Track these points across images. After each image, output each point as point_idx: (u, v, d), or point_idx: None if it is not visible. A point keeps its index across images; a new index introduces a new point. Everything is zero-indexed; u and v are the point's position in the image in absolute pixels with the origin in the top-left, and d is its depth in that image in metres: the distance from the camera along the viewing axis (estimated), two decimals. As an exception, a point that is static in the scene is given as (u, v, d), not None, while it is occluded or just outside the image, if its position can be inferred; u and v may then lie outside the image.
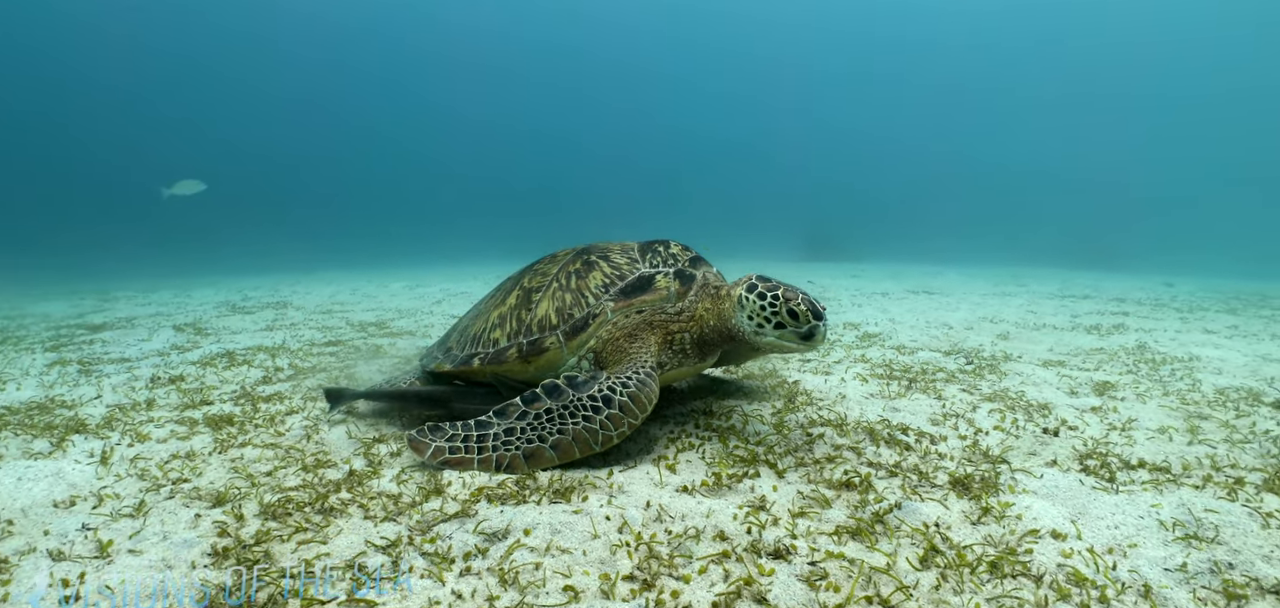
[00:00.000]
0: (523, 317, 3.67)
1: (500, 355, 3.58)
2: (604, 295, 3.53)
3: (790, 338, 3.27)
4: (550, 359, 3.50)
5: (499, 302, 3.95)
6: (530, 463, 2.93)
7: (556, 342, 3.47)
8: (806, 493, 2.81)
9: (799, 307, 3.22)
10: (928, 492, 2.83)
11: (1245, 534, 2.47)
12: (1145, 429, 3.89)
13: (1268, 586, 2.10)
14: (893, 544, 2.34)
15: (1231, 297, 13.00)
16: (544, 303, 3.63)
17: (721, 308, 3.47)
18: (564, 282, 3.68)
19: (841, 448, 3.38)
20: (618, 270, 3.66)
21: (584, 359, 3.50)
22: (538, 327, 3.56)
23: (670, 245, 3.84)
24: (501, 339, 3.64)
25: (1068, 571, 2.16)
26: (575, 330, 3.47)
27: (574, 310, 3.53)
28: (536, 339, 3.51)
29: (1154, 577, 2.15)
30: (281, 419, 3.94)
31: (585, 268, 3.72)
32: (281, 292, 12.33)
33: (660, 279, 3.57)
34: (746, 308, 3.33)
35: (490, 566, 2.19)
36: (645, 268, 3.67)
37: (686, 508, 2.62)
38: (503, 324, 3.72)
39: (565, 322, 3.51)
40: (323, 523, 2.53)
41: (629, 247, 3.91)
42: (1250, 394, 4.86)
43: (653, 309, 3.54)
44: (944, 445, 3.48)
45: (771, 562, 2.21)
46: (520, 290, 3.85)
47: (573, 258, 3.86)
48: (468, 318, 4.28)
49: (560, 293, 3.63)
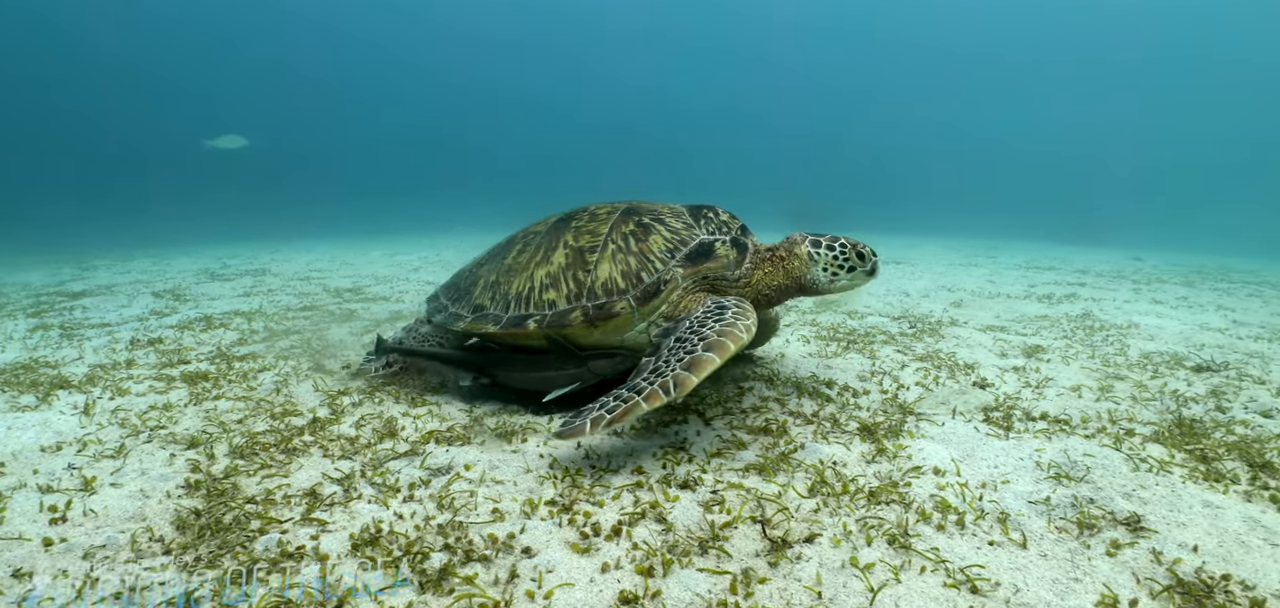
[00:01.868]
0: (581, 278, 3.56)
1: (562, 318, 3.48)
2: (671, 261, 3.54)
3: (860, 277, 3.66)
4: (619, 324, 3.48)
5: (539, 258, 3.77)
6: (694, 372, 2.80)
7: (628, 306, 3.43)
8: (726, 437, 3.10)
9: (864, 250, 3.64)
10: (836, 437, 3.12)
11: (1114, 475, 2.78)
12: (1059, 387, 4.19)
13: (1121, 518, 2.40)
14: (789, 478, 2.64)
15: (1194, 270, 13.35)
16: (604, 265, 3.56)
17: (788, 267, 3.71)
18: (623, 244, 3.63)
19: (768, 399, 3.68)
20: (677, 235, 3.67)
21: (654, 324, 3.49)
22: (603, 290, 3.49)
23: (718, 211, 3.89)
24: (560, 301, 3.53)
25: (937, 500, 2.46)
26: (647, 296, 3.45)
27: (642, 274, 3.50)
28: (604, 303, 3.45)
29: (1014, 507, 2.45)
30: (254, 376, 4.20)
31: (642, 230, 3.69)
32: (261, 259, 12.51)
33: (719, 247, 3.62)
34: (819, 262, 3.64)
35: (431, 493, 2.49)
36: (704, 234, 3.70)
37: (613, 448, 2.92)
38: (556, 285, 3.59)
39: (635, 286, 3.47)
40: (286, 461, 2.81)
41: (678, 210, 3.91)
42: (1174, 358, 5.18)
43: (715, 275, 3.63)
44: (864, 399, 3.77)
45: (677, 490, 2.51)
46: (568, 249, 3.71)
47: (622, 218, 3.78)
48: (489, 272, 4.02)
49: (622, 256, 3.58)
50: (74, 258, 12.64)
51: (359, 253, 14.16)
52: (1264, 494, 2.66)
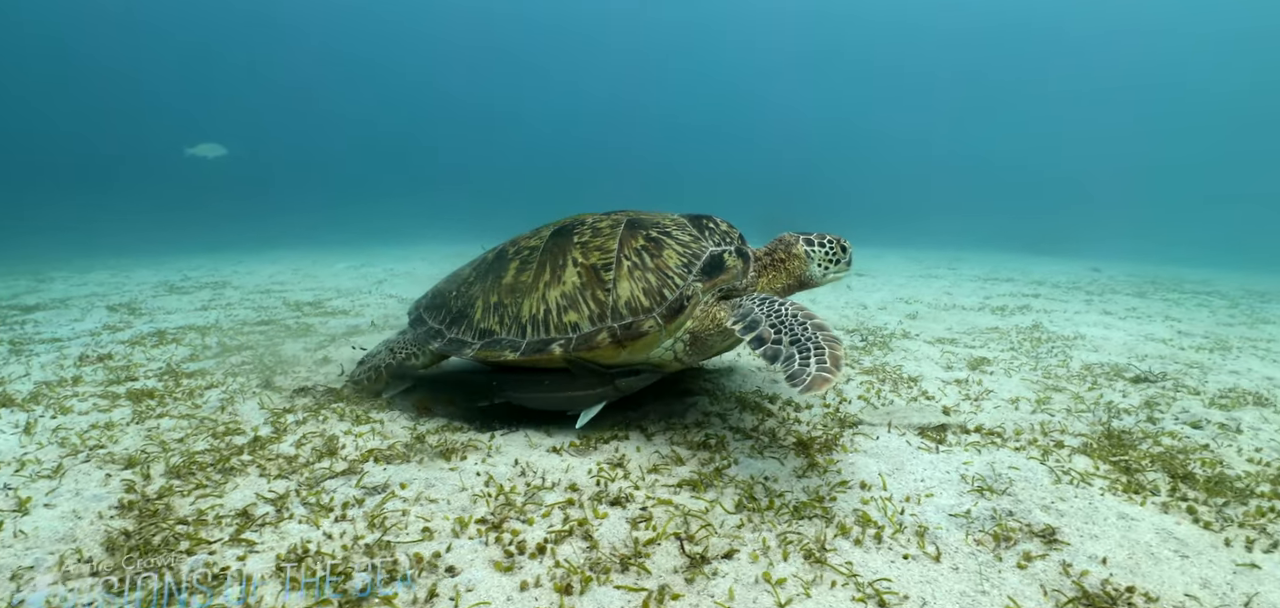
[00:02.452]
0: (601, 298, 3.51)
1: (588, 341, 3.44)
2: (689, 275, 3.54)
3: (844, 268, 3.94)
4: (647, 343, 3.47)
5: (547, 278, 3.69)
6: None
7: (655, 325, 3.41)
8: (665, 452, 3.15)
9: (845, 243, 3.91)
10: (772, 452, 3.18)
11: (1035, 488, 2.86)
12: (997, 400, 4.29)
13: (1037, 530, 2.48)
14: (718, 493, 2.69)
15: (1148, 281, 13.63)
16: (624, 283, 3.52)
17: (790, 268, 3.91)
18: (638, 260, 3.60)
19: (711, 414, 3.74)
20: (688, 248, 3.67)
21: (679, 340, 3.52)
22: (627, 309, 3.46)
23: (718, 221, 3.93)
24: (583, 323, 3.48)
25: (859, 514, 2.52)
26: (673, 313, 3.44)
27: (664, 291, 3.48)
28: (632, 323, 3.43)
29: (935, 520, 2.52)
30: (200, 393, 4.18)
31: (654, 245, 3.67)
32: (223, 272, 12.35)
33: (728, 258, 3.65)
34: (815, 258, 3.87)
35: (364, 513, 2.51)
36: (711, 245, 3.71)
37: (550, 466, 2.96)
38: (575, 306, 3.53)
39: (659, 304, 3.46)
40: (222, 480, 2.82)
41: (680, 221, 3.91)
42: (1114, 370, 5.31)
43: (728, 287, 3.66)
44: (806, 414, 3.84)
45: (608, 507, 2.55)
46: (580, 267, 3.64)
47: (628, 232, 3.74)
48: (487, 293, 3.90)
49: (640, 273, 3.55)
50: (31, 269, 12.42)
51: (324, 265, 14.04)
52: (1181, 506, 2.75)
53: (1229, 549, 2.41)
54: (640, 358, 3.58)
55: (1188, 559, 2.31)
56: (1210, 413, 4.18)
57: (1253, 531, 2.57)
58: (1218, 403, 4.43)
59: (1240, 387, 4.92)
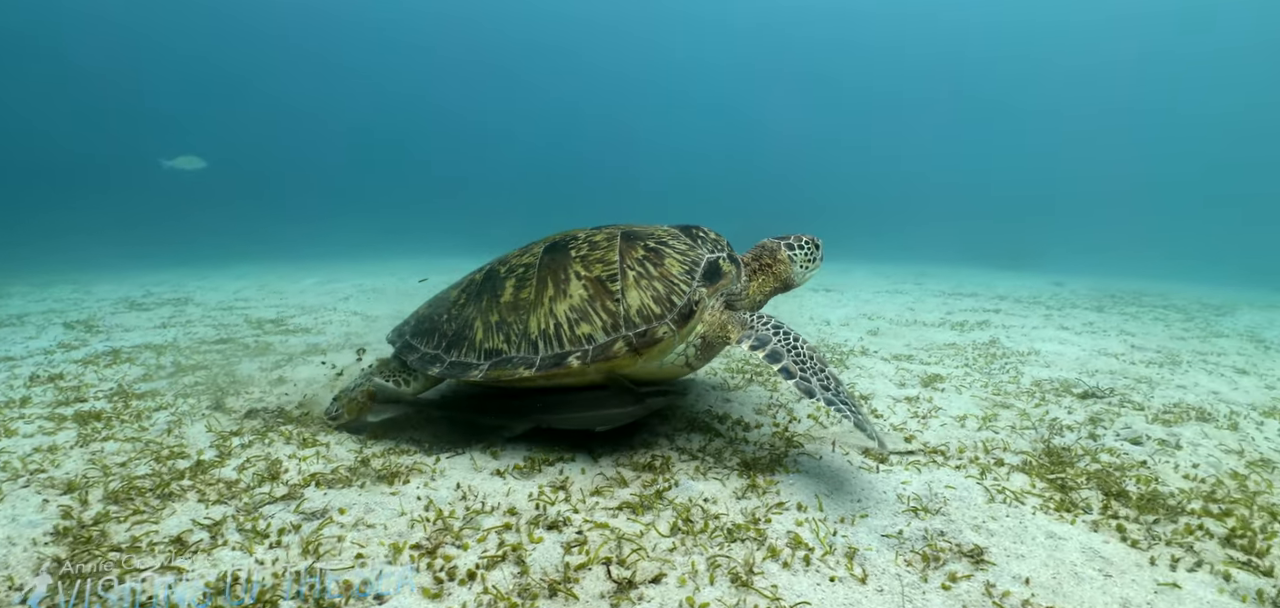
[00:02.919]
0: (611, 308, 3.55)
1: (605, 351, 3.47)
2: (693, 281, 3.63)
3: (817, 265, 4.20)
4: (662, 349, 3.53)
5: (552, 293, 3.69)
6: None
7: (669, 330, 3.48)
8: (610, 474, 3.17)
9: (818, 241, 4.17)
10: (715, 473, 3.21)
11: (969, 507, 2.91)
12: (946, 417, 4.36)
13: (965, 550, 2.53)
14: (655, 516, 2.71)
15: (1108, 295, 13.85)
16: (632, 292, 3.57)
17: (776, 271, 4.12)
18: (642, 270, 3.66)
19: (660, 435, 3.77)
20: (686, 256, 3.75)
21: (691, 345, 3.64)
22: (640, 317, 3.51)
23: (706, 231, 4.03)
24: (597, 334, 3.51)
25: (792, 536, 2.55)
26: (684, 318, 3.52)
27: (673, 298, 3.55)
28: (646, 330, 3.48)
29: (866, 541, 2.56)
30: (149, 415, 4.15)
31: (654, 255, 3.73)
32: (186, 287, 12.20)
33: (725, 264, 3.76)
34: (797, 260, 4.12)
35: (299, 539, 2.50)
36: (707, 253, 3.80)
37: (492, 489, 2.97)
38: (586, 318, 3.56)
39: (670, 310, 3.53)
40: (160, 506, 2.80)
41: (672, 231, 3.99)
42: (1063, 385, 5.40)
43: (726, 291, 3.79)
44: (754, 433, 3.88)
45: (544, 531, 2.56)
46: (584, 280, 3.67)
47: (626, 243, 3.80)
48: (486, 313, 3.84)
49: (647, 282, 3.61)
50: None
51: (291, 280, 13.90)
52: (1112, 524, 2.81)
53: (1153, 569, 2.47)
54: (654, 365, 3.63)
55: (1111, 579, 2.36)
56: (1152, 429, 4.27)
57: (1179, 549, 2.63)
58: (1161, 419, 4.52)
59: (1185, 402, 5.03)
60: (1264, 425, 4.52)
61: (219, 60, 60.33)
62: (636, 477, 3.16)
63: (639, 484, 3.06)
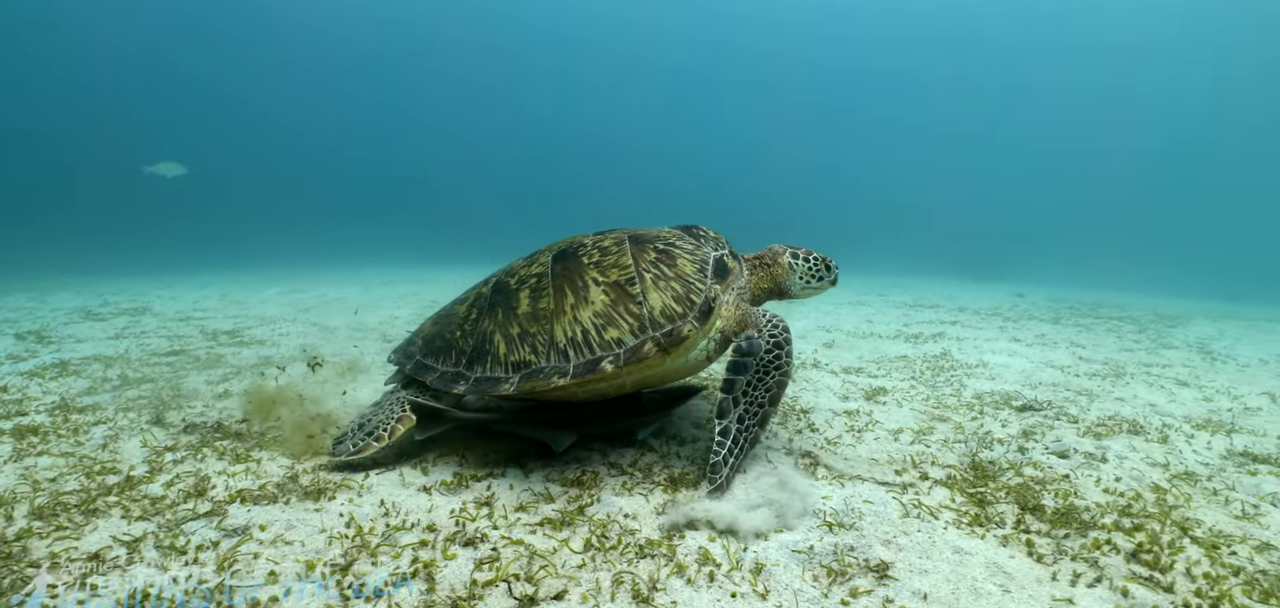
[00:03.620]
0: (636, 311, 3.63)
1: (637, 353, 3.55)
2: (706, 279, 3.77)
3: (825, 286, 4.30)
4: (687, 346, 3.64)
5: (573, 301, 3.71)
6: (763, 426, 3.53)
7: (693, 327, 3.61)
8: (538, 490, 3.21)
9: (831, 263, 4.26)
10: (641, 489, 3.26)
11: (883, 522, 2.98)
12: (880, 431, 4.43)
13: (872, 565, 2.59)
14: (572, 532, 2.76)
15: (1067, 306, 14.07)
16: (653, 294, 3.67)
17: (774, 273, 4.23)
18: (658, 272, 3.76)
19: (594, 449, 3.81)
20: (696, 255, 3.89)
21: (711, 340, 3.76)
22: (664, 317, 3.61)
23: (706, 230, 4.16)
24: (625, 337, 3.58)
25: (702, 553, 2.60)
26: (704, 314, 3.66)
27: (692, 297, 3.69)
28: (672, 330, 3.59)
29: (776, 557, 2.62)
30: (87, 430, 4.13)
31: (666, 257, 3.84)
32: (146, 296, 12.03)
33: (729, 261, 3.94)
34: (798, 270, 4.22)
35: (217, 555, 2.52)
36: (712, 251, 3.95)
37: (415, 505, 3.00)
38: (612, 323, 3.61)
39: (692, 308, 3.65)
40: (83, 522, 2.81)
41: (676, 232, 4.11)
42: (1003, 398, 5.51)
43: (735, 286, 3.92)
44: (688, 449, 3.93)
45: (459, 548, 2.60)
46: (603, 286, 3.72)
47: (636, 246, 3.88)
48: (505, 326, 3.81)
49: (665, 283, 3.72)
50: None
51: (254, 290, 13.79)
52: (1022, 538, 2.89)
53: (1053, 584, 2.53)
54: (679, 362, 3.72)
55: (1010, 594, 2.43)
56: (1082, 442, 4.36)
57: (1083, 564, 2.70)
58: (1092, 432, 4.62)
59: (1120, 414, 5.15)
60: (1194, 439, 4.63)
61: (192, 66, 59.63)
62: (564, 491, 3.20)
63: (564, 500, 3.11)
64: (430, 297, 12.71)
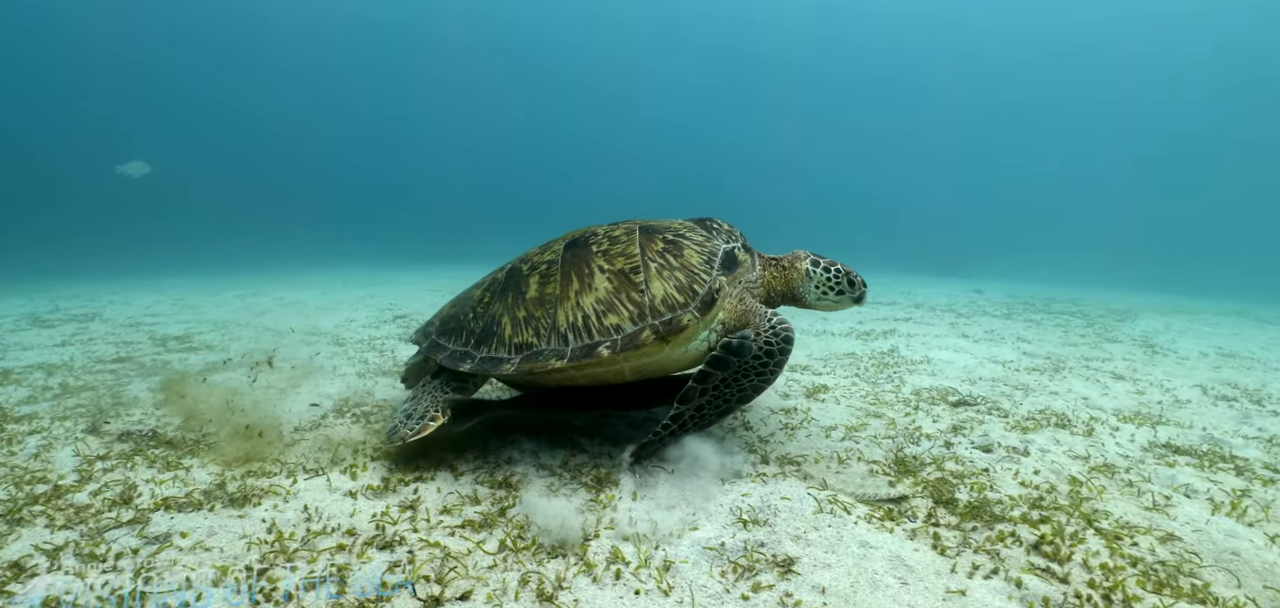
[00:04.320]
0: (637, 299, 3.72)
1: (633, 340, 3.63)
2: (712, 270, 3.82)
3: (846, 302, 4.20)
4: (687, 335, 3.68)
5: (577, 287, 3.84)
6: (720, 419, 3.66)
7: (693, 317, 3.66)
8: (465, 492, 3.27)
9: (855, 278, 4.14)
10: (566, 490, 3.33)
11: (796, 518, 3.06)
12: (815, 427, 4.53)
13: (779, 560, 2.67)
14: (489, 533, 2.82)
15: (1022, 302, 14.35)
16: (656, 283, 3.75)
17: (789, 276, 4.18)
18: (663, 262, 3.83)
19: (525, 450, 3.86)
20: (704, 247, 3.94)
21: (712, 330, 3.79)
22: (665, 306, 3.68)
23: (720, 223, 4.22)
24: (624, 324, 3.67)
25: (614, 551, 2.68)
26: (706, 305, 3.70)
27: (695, 287, 3.74)
28: (671, 318, 3.65)
29: (687, 554, 2.69)
30: (21, 439, 4.12)
31: (674, 247, 3.92)
32: (98, 301, 11.84)
33: (740, 254, 3.98)
34: (814, 279, 4.14)
35: (134, 563, 2.55)
36: (723, 243, 3.99)
37: (338, 509, 3.04)
38: (614, 310, 3.71)
39: (693, 298, 3.70)
40: (6, 532, 2.82)
41: (688, 224, 4.19)
42: (940, 394, 5.64)
43: (744, 279, 3.97)
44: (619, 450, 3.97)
45: (376, 551, 2.65)
46: (608, 274, 3.83)
47: (645, 237, 3.97)
48: (513, 310, 3.95)
49: (669, 273, 3.79)
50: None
51: (211, 293, 13.64)
52: (930, 532, 2.98)
53: (952, 576, 2.62)
54: (679, 352, 3.78)
55: (907, 586, 2.52)
56: (1008, 436, 4.48)
57: (984, 556, 2.79)
58: (1020, 426, 4.75)
59: (1051, 409, 5.29)
60: (1119, 431, 4.77)
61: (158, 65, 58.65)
62: (491, 494, 3.26)
63: (490, 502, 3.16)
64: (389, 298, 12.69)
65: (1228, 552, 2.92)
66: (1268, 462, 4.23)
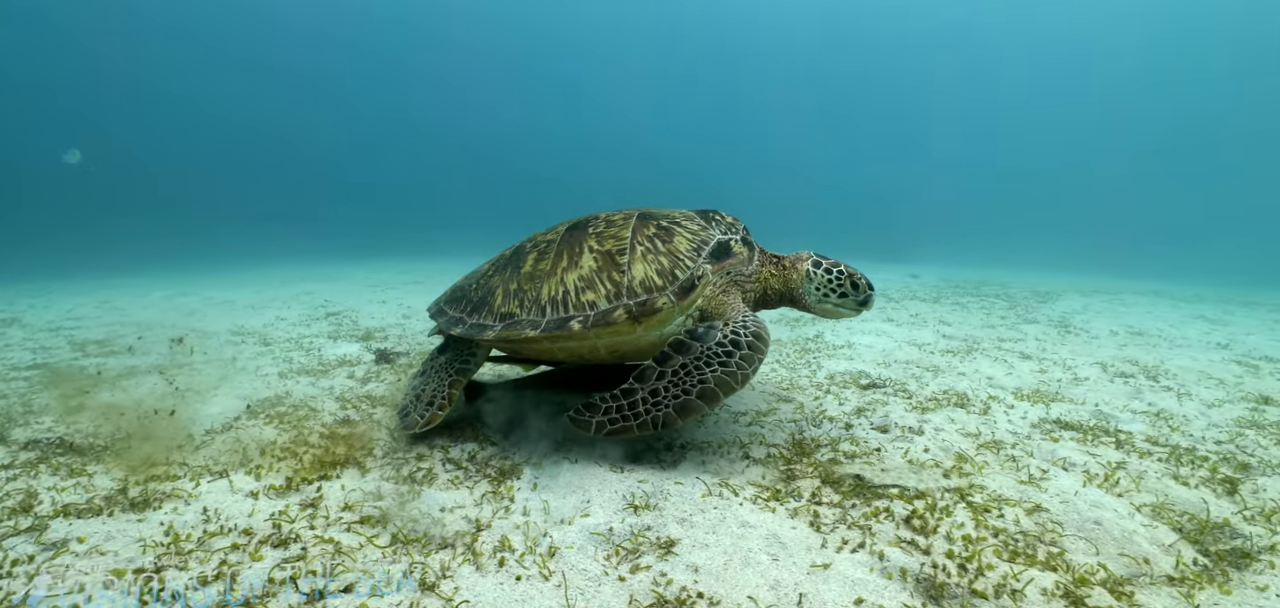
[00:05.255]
0: (616, 279, 3.83)
1: (606, 317, 3.74)
2: (699, 258, 3.88)
3: (849, 306, 4.13)
4: (661, 318, 3.75)
5: (565, 264, 4.03)
6: (683, 415, 3.36)
7: (668, 301, 3.73)
8: (370, 489, 3.34)
9: (859, 280, 4.09)
10: (468, 483, 3.43)
11: (684, 502, 3.18)
12: (725, 414, 4.67)
13: (661, 542, 2.79)
14: (384, 529, 2.91)
15: (953, 285, 14.75)
16: (638, 265, 3.85)
17: (787, 275, 4.20)
18: (650, 246, 3.94)
19: (436, 445, 3.95)
20: (697, 236, 4.02)
21: (690, 317, 3.85)
22: (642, 288, 3.77)
23: (724, 215, 4.26)
24: (600, 301, 3.79)
25: (503, 539, 2.79)
26: (684, 291, 3.76)
27: (677, 272, 3.81)
28: (646, 300, 3.74)
29: (574, 540, 2.81)
30: (-73, 450, 4.09)
31: (665, 233, 4.02)
32: (17, 306, 11.38)
33: (736, 245, 4.01)
34: (814, 280, 4.13)
35: (28, 569, 2.59)
36: (718, 234, 4.06)
37: (238, 510, 3.10)
38: (592, 287, 3.85)
39: (672, 283, 3.78)
40: (-100, 546, 2.84)
41: (689, 214, 4.26)
42: (853, 377, 5.85)
43: (735, 271, 4.02)
44: (526, 446, 4.07)
45: (270, 549, 2.73)
46: (595, 253, 3.99)
47: (640, 222, 4.10)
48: (507, 282, 4.21)
49: (653, 256, 3.89)
50: None
51: (138, 294, 13.30)
52: (811, 510, 3.13)
53: (822, 551, 2.76)
54: (654, 335, 3.87)
55: (778, 561, 2.67)
56: (907, 417, 4.67)
57: (857, 531, 2.94)
58: (921, 407, 4.96)
59: (954, 389, 5.53)
60: (1013, 409, 5.01)
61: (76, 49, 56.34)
62: (395, 490, 3.34)
63: (393, 497, 3.24)
64: (325, 296, 12.58)
65: (1091, 521, 3.12)
66: (1150, 435, 4.49)
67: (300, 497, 3.26)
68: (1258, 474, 3.82)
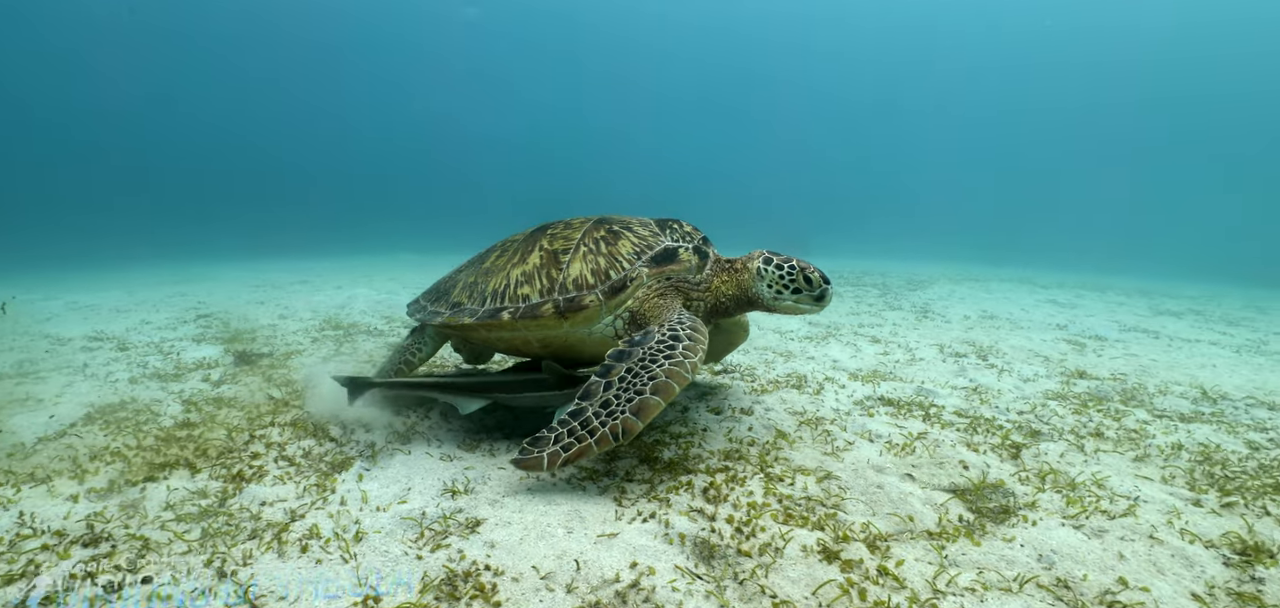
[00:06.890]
0: (553, 275, 3.97)
1: (535, 310, 3.88)
2: (638, 261, 3.94)
3: (805, 301, 4.05)
4: (588, 316, 3.82)
5: (515, 260, 4.25)
6: (642, 415, 3.22)
7: (596, 300, 3.81)
8: (195, 489, 3.39)
9: (812, 274, 4.02)
10: (299, 477, 3.53)
11: (501, 485, 3.37)
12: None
13: (469, 523, 2.93)
14: (197, 525, 3.00)
15: (839, 276, 15.27)
16: (576, 264, 3.96)
17: (740, 279, 4.15)
18: (594, 247, 4.04)
19: (272, 445, 4.03)
20: (644, 241, 4.09)
21: (619, 318, 3.89)
22: (574, 285, 3.88)
23: (682, 224, 4.30)
24: (533, 295, 3.94)
25: (313, 527, 2.93)
26: (614, 291, 3.83)
27: (610, 273, 3.90)
28: (575, 297, 3.83)
29: (385, 524, 2.96)
30: None
31: (613, 236, 4.12)
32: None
33: (683, 252, 4.06)
34: (766, 278, 4.06)
35: None
36: (668, 241, 4.11)
37: (55, 513, 3.11)
38: (530, 281, 4.02)
39: (603, 282, 3.86)
40: None
41: (646, 221, 4.33)
42: (708, 366, 6.11)
43: (678, 278, 4.04)
44: (368, 435, 4.20)
45: (80, 549, 2.78)
46: (542, 252, 4.16)
47: (594, 226, 4.23)
48: (468, 275, 4.55)
49: (592, 257, 3.98)
50: None
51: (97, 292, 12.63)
52: (619, 488, 3.32)
53: (616, 523, 2.97)
54: (582, 332, 3.96)
55: (572, 534, 2.86)
56: (744, 400, 4.96)
57: (656, 503, 3.16)
58: (760, 389, 5.29)
59: (796, 372, 5.93)
60: (844, 389, 5.37)
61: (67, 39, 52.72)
62: (220, 487, 3.41)
63: (215, 495, 3.31)
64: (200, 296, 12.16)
65: (874, 486, 3.45)
66: (960, 408, 4.89)
67: (122, 499, 3.30)
68: (1045, 440, 4.22)
